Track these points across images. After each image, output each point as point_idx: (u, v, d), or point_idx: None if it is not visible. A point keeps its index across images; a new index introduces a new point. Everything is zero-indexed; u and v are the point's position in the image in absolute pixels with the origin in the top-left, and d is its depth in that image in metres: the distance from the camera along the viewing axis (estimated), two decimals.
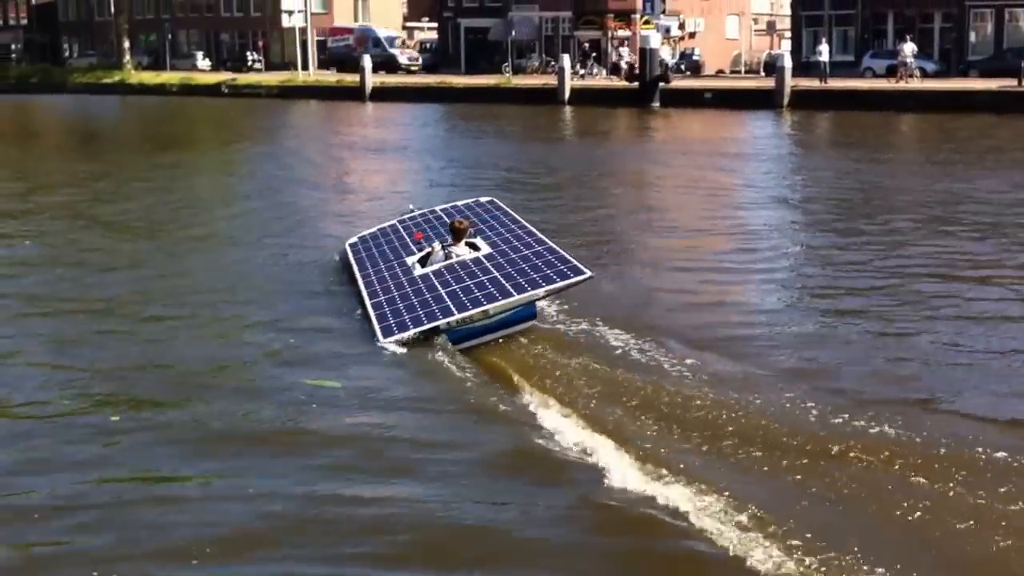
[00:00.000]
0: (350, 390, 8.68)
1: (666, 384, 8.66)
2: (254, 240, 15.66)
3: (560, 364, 9.28)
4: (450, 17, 65.84)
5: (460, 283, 10.46)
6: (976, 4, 49.38)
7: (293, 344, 9.97)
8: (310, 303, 11.61)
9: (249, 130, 38.22)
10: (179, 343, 10.20)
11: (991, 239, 14.75)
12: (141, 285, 12.65)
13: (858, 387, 8.70)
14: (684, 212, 18.54)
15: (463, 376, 9.05)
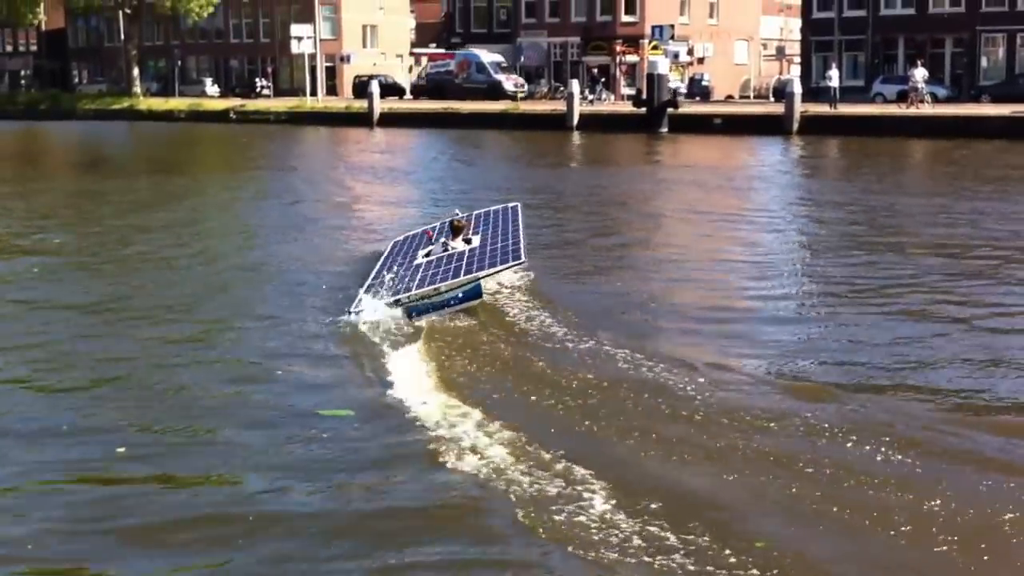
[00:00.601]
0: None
1: (559, 369, 9.15)
2: (259, 264, 15.38)
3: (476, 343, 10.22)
4: (458, 43, 65.90)
5: (436, 268, 12.00)
6: (988, 29, 49.19)
7: (298, 369, 9.86)
8: (314, 327, 11.29)
9: (256, 156, 38.07)
10: (186, 368, 10.05)
11: (1001, 269, 14.40)
12: (147, 308, 12.47)
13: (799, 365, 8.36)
14: (686, 236, 18.21)
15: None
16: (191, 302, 12.91)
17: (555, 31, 61.31)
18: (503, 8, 64.38)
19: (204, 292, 13.51)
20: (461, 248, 12.58)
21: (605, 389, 9.17)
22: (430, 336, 10.83)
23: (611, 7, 59.35)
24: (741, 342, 10.75)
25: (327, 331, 11.04)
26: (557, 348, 10.33)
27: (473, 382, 9.43)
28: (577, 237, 17.69)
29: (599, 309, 12.24)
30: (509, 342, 10.59)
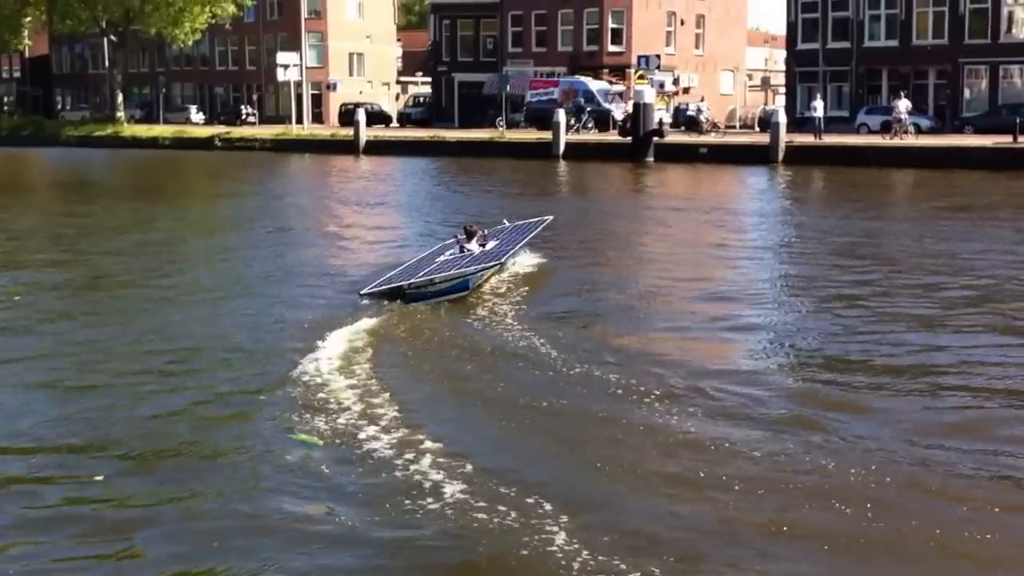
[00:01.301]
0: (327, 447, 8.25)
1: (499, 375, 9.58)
2: (238, 293, 15.21)
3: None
4: (444, 72, 66.04)
5: (443, 266, 14.17)
6: (970, 61, 49.56)
7: (274, 396, 9.79)
8: (289, 357, 11.14)
9: (239, 183, 37.93)
10: (161, 395, 10.03)
11: (981, 298, 14.36)
12: (124, 337, 12.38)
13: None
14: (668, 264, 18.12)
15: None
16: (162, 328, 12.83)
17: (541, 60, 61.46)
18: (490, 37, 64.55)
19: (172, 321, 13.39)
20: (476, 251, 14.97)
21: (579, 416, 9.17)
22: (411, 359, 11.10)
23: (597, 37, 59.60)
24: (719, 371, 10.65)
25: (299, 355, 11.04)
26: (526, 373, 10.42)
27: (441, 410, 9.48)
28: (561, 264, 17.56)
29: (577, 331, 12.28)
30: (480, 365, 10.85)
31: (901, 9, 51.19)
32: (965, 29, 49.75)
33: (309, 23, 66.36)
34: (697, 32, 63.44)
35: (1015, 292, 14.88)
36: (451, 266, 14.17)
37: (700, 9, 63.17)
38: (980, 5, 49.48)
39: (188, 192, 36.26)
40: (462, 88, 65.19)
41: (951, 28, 50.02)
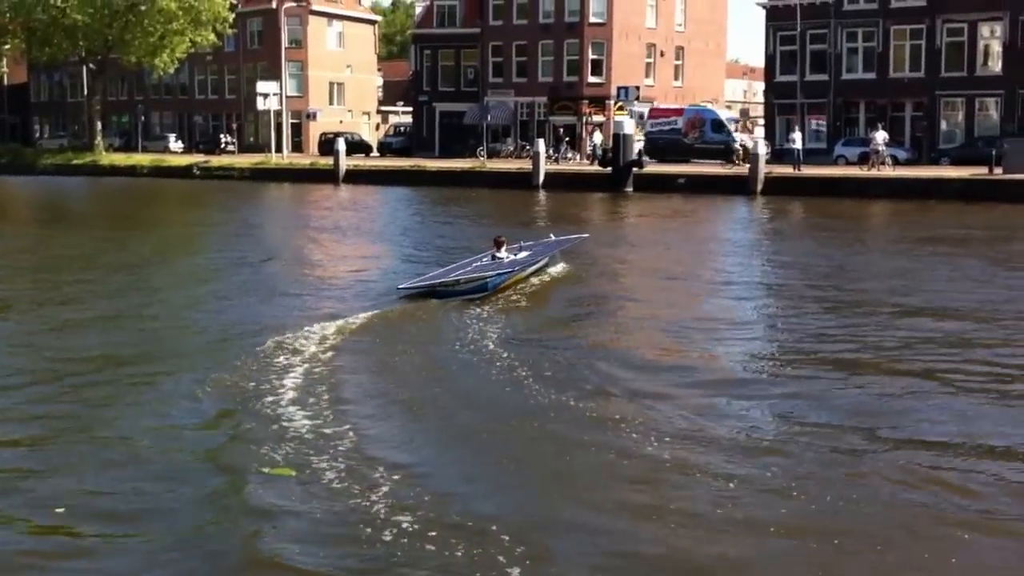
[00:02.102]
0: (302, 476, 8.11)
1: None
2: (209, 324, 15.02)
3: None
4: (425, 101, 66.17)
5: (472, 271, 16.95)
6: (947, 94, 50.02)
7: (245, 428, 9.62)
8: (260, 386, 11.01)
9: (214, 212, 37.75)
10: (113, 421, 9.94)
11: (961, 329, 14.35)
12: (86, 360, 12.32)
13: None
14: (648, 294, 18.07)
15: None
16: (128, 355, 12.72)
17: (522, 91, 61.66)
18: (470, 67, 64.76)
19: (137, 349, 13.27)
20: (507, 259, 17.58)
21: (557, 445, 9.10)
22: (395, 384, 11.19)
23: (577, 68, 59.85)
24: (697, 401, 10.58)
25: (272, 385, 11.02)
26: (481, 384, 10.74)
27: (419, 441, 9.38)
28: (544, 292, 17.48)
29: (563, 362, 12.22)
30: (443, 383, 11.07)
31: (878, 42, 51.68)
32: (941, 62, 50.23)
33: (289, 52, 66.34)
34: (676, 64, 63.81)
35: (983, 322, 14.86)
36: (479, 271, 16.90)
37: (679, 41, 63.58)
38: (956, 39, 49.99)
39: (159, 221, 35.96)
40: (443, 118, 65.32)
41: (927, 61, 50.50)
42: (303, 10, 69.45)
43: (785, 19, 53.50)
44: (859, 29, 52.22)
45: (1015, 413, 10.22)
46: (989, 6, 48.97)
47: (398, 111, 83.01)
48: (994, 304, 16.32)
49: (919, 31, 50.71)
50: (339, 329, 13.89)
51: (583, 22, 59.27)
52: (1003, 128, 47.73)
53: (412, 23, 74.47)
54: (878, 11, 51.51)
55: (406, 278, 17.54)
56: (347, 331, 13.85)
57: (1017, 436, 9.40)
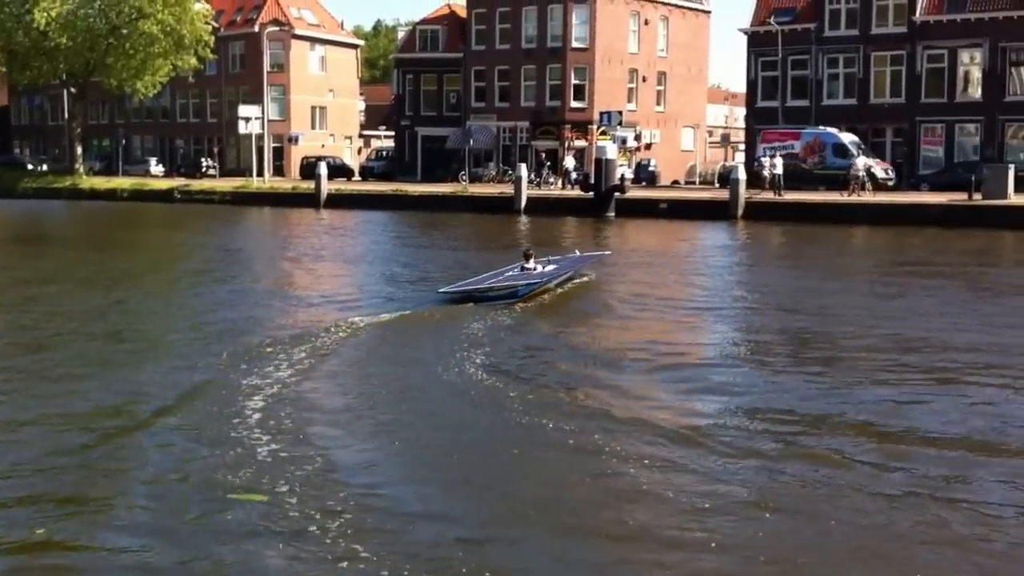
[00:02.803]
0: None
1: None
2: (183, 351, 14.82)
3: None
4: (407, 126, 66.18)
5: (504, 279, 19.27)
6: (927, 120, 50.29)
7: (216, 455, 9.50)
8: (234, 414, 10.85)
9: (195, 236, 37.50)
10: (101, 449, 9.82)
11: (937, 361, 14.28)
12: (64, 388, 12.13)
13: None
14: (627, 320, 17.95)
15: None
16: (99, 380, 12.59)
17: (504, 115, 61.75)
18: (453, 92, 64.87)
19: (105, 371, 13.17)
20: (537, 269, 19.82)
21: (532, 469, 9.07)
22: (381, 409, 11.21)
23: (560, 93, 59.98)
24: (665, 427, 10.45)
25: (249, 412, 10.92)
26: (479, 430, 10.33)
27: (400, 469, 9.22)
28: (526, 321, 17.34)
29: (545, 383, 12.07)
30: (442, 422, 10.72)
31: (859, 68, 51.98)
32: (921, 89, 50.54)
33: (271, 76, 66.33)
34: (658, 89, 64.04)
35: (955, 349, 14.80)
36: (510, 279, 19.25)
37: (661, 67, 63.83)
38: (936, 65, 50.33)
39: (138, 245, 35.74)
40: (425, 142, 65.35)
41: (908, 87, 50.81)
42: (285, 34, 69.47)
43: (766, 45, 53.78)
44: (840, 55, 52.53)
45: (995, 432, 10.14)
46: (969, 33, 49.34)
47: (380, 135, 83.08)
48: (971, 334, 16.27)
49: (899, 57, 51.05)
50: (311, 350, 13.79)
51: (566, 47, 59.46)
52: (983, 154, 47.99)
53: (395, 47, 74.56)
54: (859, 38, 51.83)
55: (439, 285, 19.60)
56: (318, 354, 13.73)
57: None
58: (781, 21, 53.10)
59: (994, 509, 8.26)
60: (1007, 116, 48.68)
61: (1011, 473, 9.17)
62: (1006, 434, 10.40)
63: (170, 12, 60.79)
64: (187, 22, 61.63)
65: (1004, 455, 9.71)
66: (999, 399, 11.86)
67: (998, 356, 14.23)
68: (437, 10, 68.04)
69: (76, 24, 61.79)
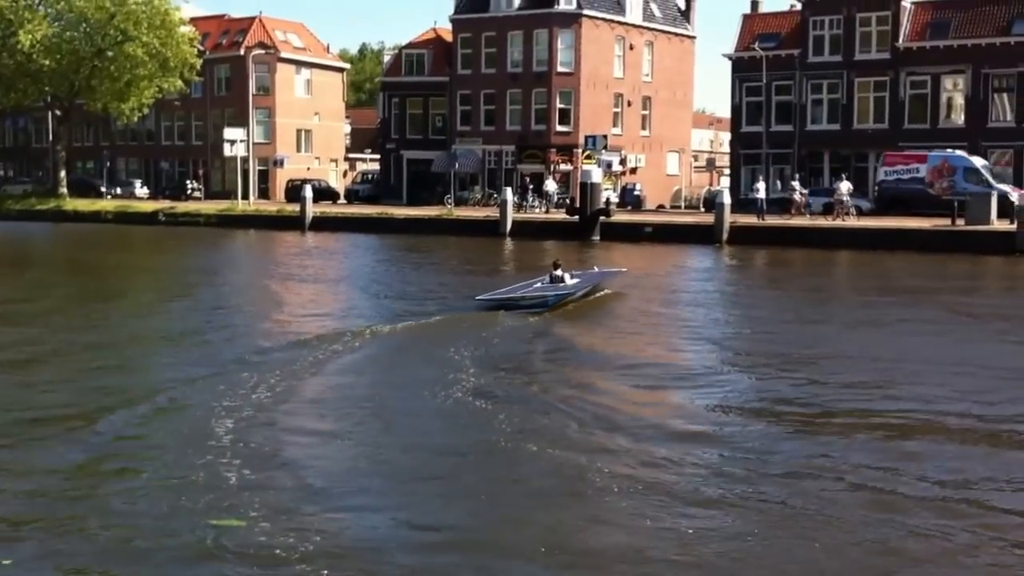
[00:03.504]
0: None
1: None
2: (165, 382, 14.71)
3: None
4: (393, 149, 66.22)
5: (536, 289, 21.32)
6: (910, 145, 50.42)
7: (193, 481, 9.41)
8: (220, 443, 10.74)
9: (178, 259, 37.35)
10: (82, 475, 9.68)
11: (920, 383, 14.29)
12: (43, 413, 11.98)
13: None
14: (607, 344, 17.91)
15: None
16: (78, 407, 12.38)
17: (490, 139, 61.86)
18: (439, 115, 64.98)
19: (83, 395, 13.09)
20: (565, 281, 21.58)
21: (520, 491, 9.02)
22: (367, 434, 11.13)
23: (545, 117, 60.16)
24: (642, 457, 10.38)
25: (229, 440, 10.77)
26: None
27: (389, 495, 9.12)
28: (512, 348, 17.29)
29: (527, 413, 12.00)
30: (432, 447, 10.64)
31: (843, 94, 52.34)
32: (905, 114, 50.91)
33: (257, 99, 66.38)
34: (644, 113, 64.29)
35: (931, 376, 14.83)
36: (540, 290, 21.22)
37: (647, 91, 64.10)
38: (919, 91, 50.72)
39: (119, 268, 35.54)
40: (411, 166, 65.38)
41: (891, 113, 51.18)
42: (271, 57, 69.56)
43: (751, 71, 54.11)
44: (824, 81, 52.90)
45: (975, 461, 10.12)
46: (951, 59, 49.77)
47: (366, 158, 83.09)
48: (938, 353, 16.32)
49: (883, 83, 51.44)
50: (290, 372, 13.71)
51: (551, 72, 59.67)
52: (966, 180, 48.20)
53: (381, 71, 74.69)
54: (842, 64, 52.21)
55: (475, 294, 21.67)
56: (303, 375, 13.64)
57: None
58: (765, 47, 53.44)
59: (994, 517, 8.23)
60: (989, 142, 49.06)
61: (1001, 486, 9.15)
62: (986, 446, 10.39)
63: (155, 35, 60.78)
64: (173, 45, 61.61)
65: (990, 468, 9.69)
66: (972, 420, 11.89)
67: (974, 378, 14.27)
68: (423, 34, 68.23)
69: (61, 46, 61.70)
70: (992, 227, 37.90)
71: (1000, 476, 9.80)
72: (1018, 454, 10.88)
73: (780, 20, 56.22)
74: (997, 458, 10.51)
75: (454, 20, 63.36)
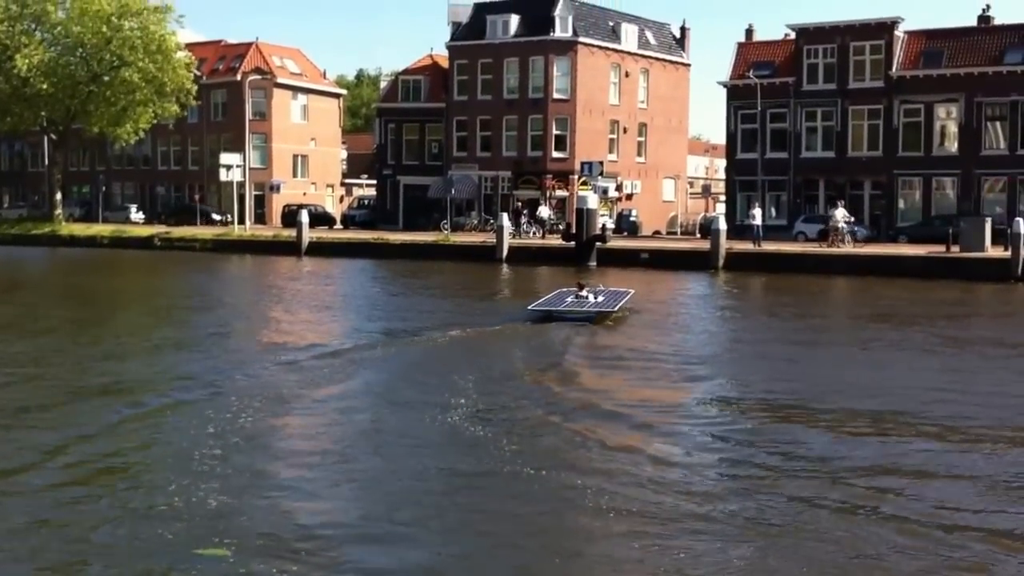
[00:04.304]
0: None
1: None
2: (158, 413, 14.66)
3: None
4: (389, 175, 66.36)
5: (571, 303, 23.76)
6: (904, 173, 50.90)
7: (183, 509, 9.30)
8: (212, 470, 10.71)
9: (172, 284, 37.32)
10: (61, 505, 9.52)
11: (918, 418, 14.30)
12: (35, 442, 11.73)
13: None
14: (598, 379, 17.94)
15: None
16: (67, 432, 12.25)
17: (486, 165, 62.05)
18: (435, 141, 65.17)
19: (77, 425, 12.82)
20: (591, 298, 24.15)
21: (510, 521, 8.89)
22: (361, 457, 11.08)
23: (541, 143, 60.37)
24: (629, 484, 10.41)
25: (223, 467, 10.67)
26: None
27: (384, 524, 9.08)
28: (504, 372, 17.28)
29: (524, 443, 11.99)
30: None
31: (837, 122, 52.62)
32: (899, 142, 51.20)
33: (253, 124, 66.50)
34: (639, 140, 64.56)
35: (922, 404, 14.85)
36: (581, 305, 23.59)
37: (642, 118, 64.39)
38: (913, 119, 51.04)
39: (112, 293, 35.53)
40: (407, 191, 65.50)
41: (885, 141, 51.45)
42: (267, 83, 69.77)
43: (745, 98, 54.39)
44: (818, 109, 53.18)
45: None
46: (945, 88, 50.12)
47: (362, 184, 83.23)
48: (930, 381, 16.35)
49: (877, 111, 51.73)
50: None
51: (547, 98, 59.95)
52: (960, 207, 48.55)
53: (377, 96, 74.94)
54: (836, 92, 52.52)
55: (528, 303, 24.61)
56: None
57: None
58: (760, 75, 53.73)
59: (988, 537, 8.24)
60: (983, 170, 49.35)
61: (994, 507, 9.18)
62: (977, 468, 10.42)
63: (152, 60, 60.92)
64: (169, 70, 61.76)
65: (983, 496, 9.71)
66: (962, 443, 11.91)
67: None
68: (419, 60, 68.54)
69: (58, 71, 61.81)
70: (987, 254, 38.08)
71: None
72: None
73: (774, 48, 56.58)
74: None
75: (451, 47, 63.68)
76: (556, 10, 59.88)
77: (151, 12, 61.61)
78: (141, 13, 61.25)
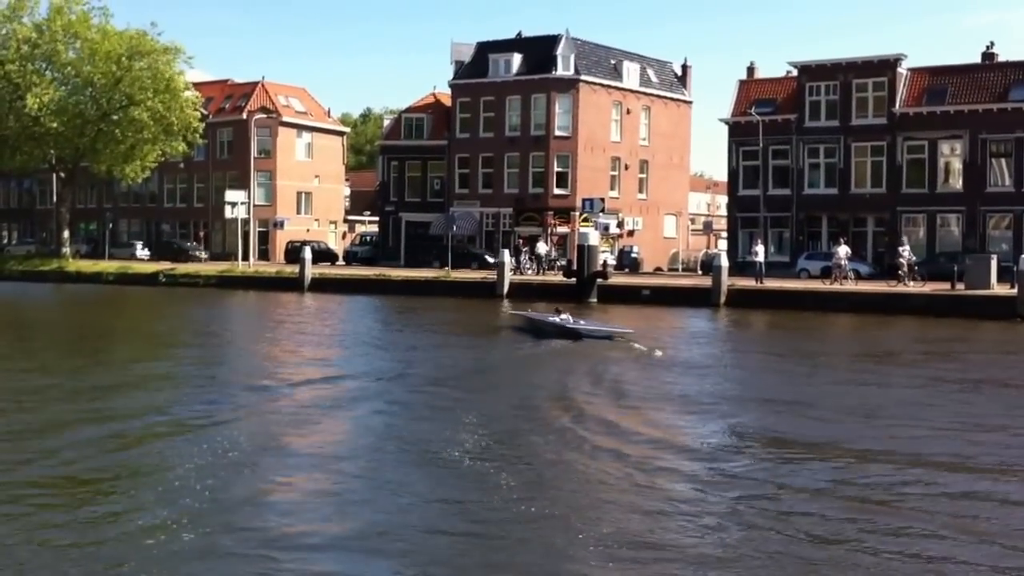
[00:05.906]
0: None
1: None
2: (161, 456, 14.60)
3: None
4: (391, 211, 66.55)
5: (560, 323, 27.17)
6: (908, 209, 50.82)
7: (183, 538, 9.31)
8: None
9: (176, 321, 37.32)
10: (53, 539, 9.46)
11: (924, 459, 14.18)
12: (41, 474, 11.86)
13: None
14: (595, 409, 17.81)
15: None
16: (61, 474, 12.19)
17: (487, 201, 62.22)
18: (437, 178, 65.41)
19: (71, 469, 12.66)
20: (570, 321, 27.74)
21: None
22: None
23: (543, 180, 60.55)
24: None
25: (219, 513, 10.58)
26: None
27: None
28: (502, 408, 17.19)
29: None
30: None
31: (840, 158, 52.65)
32: (902, 179, 51.17)
33: (258, 162, 66.85)
34: (641, 177, 64.70)
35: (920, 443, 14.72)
36: (572, 324, 27.23)
37: (644, 155, 64.57)
38: (917, 156, 51.05)
39: (113, 331, 35.54)
40: (409, 228, 65.66)
41: (889, 177, 51.42)
42: (273, 121, 70.22)
43: (747, 135, 54.49)
44: (820, 145, 53.26)
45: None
46: (948, 125, 50.14)
47: (365, 220, 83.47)
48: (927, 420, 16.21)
49: (880, 148, 51.76)
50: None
51: (549, 135, 60.19)
52: (964, 244, 48.43)
53: (380, 134, 75.31)
54: (839, 128, 52.60)
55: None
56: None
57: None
58: (762, 112, 53.87)
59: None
60: (988, 207, 49.26)
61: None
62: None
63: (160, 99, 61.47)
64: (176, 109, 62.29)
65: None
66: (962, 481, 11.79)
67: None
68: (422, 99, 68.93)
69: (68, 110, 62.38)
70: (992, 292, 37.88)
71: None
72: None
73: (776, 86, 56.77)
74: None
75: (453, 85, 64.05)
76: (558, 48, 60.24)
77: (161, 53, 62.17)
78: (151, 53, 61.80)
